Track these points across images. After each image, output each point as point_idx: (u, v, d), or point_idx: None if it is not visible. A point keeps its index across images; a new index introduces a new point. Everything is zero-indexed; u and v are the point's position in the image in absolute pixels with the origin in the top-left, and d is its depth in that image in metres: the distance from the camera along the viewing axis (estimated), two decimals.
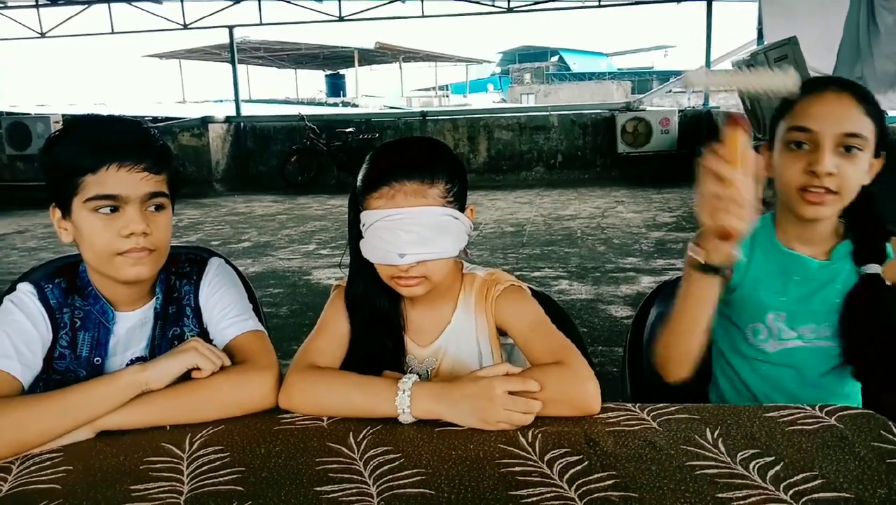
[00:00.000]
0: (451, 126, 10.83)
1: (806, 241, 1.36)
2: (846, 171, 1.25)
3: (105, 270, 1.21)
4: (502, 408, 1.05)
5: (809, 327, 1.36)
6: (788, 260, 1.37)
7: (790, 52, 5.07)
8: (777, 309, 1.37)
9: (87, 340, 1.25)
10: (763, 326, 1.39)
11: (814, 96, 1.29)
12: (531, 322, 1.26)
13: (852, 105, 1.27)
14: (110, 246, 1.17)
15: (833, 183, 1.25)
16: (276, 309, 4.42)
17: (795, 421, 1.06)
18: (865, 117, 1.26)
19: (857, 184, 1.28)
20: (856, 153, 1.26)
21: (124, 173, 1.16)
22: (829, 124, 1.25)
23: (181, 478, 0.96)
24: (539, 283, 4.74)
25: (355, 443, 1.04)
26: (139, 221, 1.17)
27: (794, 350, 1.38)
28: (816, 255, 1.36)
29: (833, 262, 1.35)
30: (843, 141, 1.25)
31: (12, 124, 10.18)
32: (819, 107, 1.27)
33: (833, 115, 1.26)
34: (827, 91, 1.29)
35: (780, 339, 1.38)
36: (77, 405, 1.05)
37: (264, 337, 1.29)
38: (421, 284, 1.22)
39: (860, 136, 1.26)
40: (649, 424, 1.07)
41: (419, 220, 1.16)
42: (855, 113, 1.26)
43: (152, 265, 1.22)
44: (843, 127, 1.25)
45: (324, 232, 7.14)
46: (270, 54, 25.66)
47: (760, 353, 1.40)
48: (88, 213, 1.17)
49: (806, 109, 1.28)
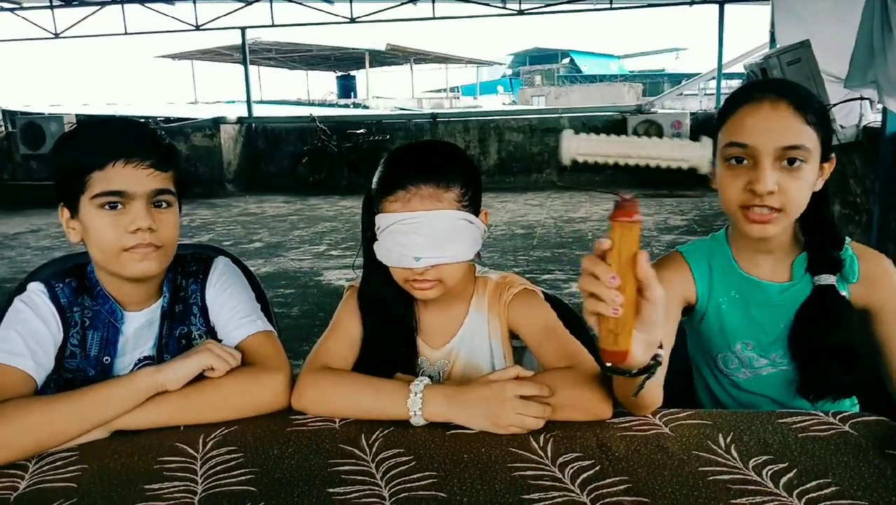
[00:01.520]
0: (461, 128, 10.84)
1: (764, 257, 1.29)
2: (789, 187, 1.16)
3: (112, 267, 1.22)
4: (514, 411, 1.05)
5: (780, 353, 1.30)
6: (749, 286, 1.30)
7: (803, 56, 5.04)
8: (744, 338, 1.32)
9: (96, 340, 1.26)
10: (732, 356, 1.34)
11: (749, 107, 1.19)
12: (543, 326, 1.26)
13: (790, 115, 1.16)
14: (117, 242, 1.18)
15: (776, 201, 1.16)
16: (287, 310, 4.43)
17: (809, 428, 1.06)
18: (806, 126, 1.16)
19: (803, 198, 1.18)
20: (800, 166, 1.16)
21: (130, 169, 1.17)
22: (767, 138, 1.16)
23: (195, 478, 0.96)
24: (550, 285, 4.73)
25: (367, 445, 1.04)
26: (145, 217, 1.18)
27: (766, 376, 1.33)
28: (777, 273, 1.29)
29: (794, 281, 1.28)
30: (784, 154, 1.16)
31: (26, 124, 10.26)
32: (755, 119, 1.17)
33: (770, 127, 1.16)
34: (763, 101, 1.18)
35: (752, 367, 1.33)
36: (93, 407, 1.06)
37: (274, 337, 1.29)
38: (435, 287, 1.22)
39: (802, 147, 1.16)
40: (661, 429, 1.07)
41: (434, 224, 1.17)
42: (794, 123, 1.16)
43: (159, 262, 1.23)
44: (782, 140, 1.15)
45: (335, 233, 7.15)
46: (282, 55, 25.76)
47: (733, 381, 1.36)
48: (95, 210, 1.18)
49: (742, 122, 1.18)
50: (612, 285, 0.83)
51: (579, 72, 47.01)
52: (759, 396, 1.35)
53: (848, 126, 5.31)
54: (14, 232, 7.75)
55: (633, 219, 0.82)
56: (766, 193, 1.15)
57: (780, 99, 1.17)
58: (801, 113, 1.16)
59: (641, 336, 0.90)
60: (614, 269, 0.83)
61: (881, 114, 4.92)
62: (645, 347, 0.92)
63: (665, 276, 1.29)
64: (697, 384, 1.47)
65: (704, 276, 1.33)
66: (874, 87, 4.15)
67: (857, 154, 5.48)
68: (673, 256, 1.36)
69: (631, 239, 0.83)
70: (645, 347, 0.92)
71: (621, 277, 0.83)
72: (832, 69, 5.02)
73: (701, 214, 7.47)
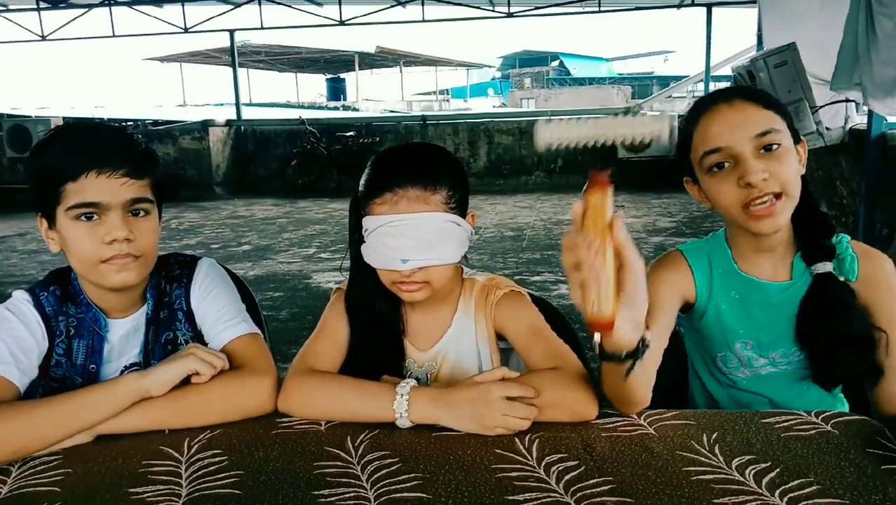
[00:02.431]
0: (451, 130, 10.85)
1: (764, 257, 1.29)
2: (779, 170, 1.17)
3: (91, 278, 1.21)
4: (500, 413, 1.06)
5: (779, 353, 1.31)
6: (749, 286, 1.30)
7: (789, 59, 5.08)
8: (744, 338, 1.32)
9: (81, 348, 1.25)
10: (732, 355, 1.34)
11: (708, 115, 1.22)
12: (530, 327, 1.27)
13: (748, 106, 1.19)
14: (94, 254, 1.17)
15: (773, 185, 1.17)
16: (276, 312, 4.42)
17: (791, 427, 1.06)
18: (767, 111, 1.19)
19: (794, 177, 1.19)
20: (779, 148, 1.18)
21: (104, 180, 1.15)
22: (737, 133, 1.18)
23: (180, 481, 0.96)
24: (538, 287, 4.74)
25: (353, 447, 1.04)
26: (121, 228, 1.16)
27: (766, 376, 1.33)
28: (777, 273, 1.29)
29: (794, 280, 1.28)
30: (760, 142, 1.18)
31: (13, 127, 10.19)
32: (719, 122, 1.20)
33: (736, 122, 1.19)
34: (718, 104, 1.21)
35: (752, 366, 1.33)
36: (76, 412, 1.06)
37: (260, 340, 1.29)
38: (422, 289, 1.22)
39: (774, 130, 1.18)
40: (646, 429, 1.08)
41: (422, 226, 1.17)
42: (755, 112, 1.19)
43: (138, 271, 1.21)
44: (752, 130, 1.18)
45: (324, 236, 7.14)
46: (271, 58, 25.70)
47: (732, 380, 1.36)
48: (71, 222, 1.16)
49: (708, 130, 1.21)
50: (591, 249, 0.85)
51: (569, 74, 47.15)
52: (757, 395, 1.35)
53: (834, 128, 5.36)
54: (0, 236, 7.70)
55: (604, 187, 0.86)
56: (760, 182, 1.16)
57: (732, 97, 1.21)
58: (757, 102, 1.20)
59: (627, 314, 0.92)
60: (591, 234, 0.86)
61: (867, 116, 4.96)
62: (632, 325, 0.94)
63: (664, 274, 1.31)
64: (693, 385, 1.47)
65: (705, 275, 1.33)
66: (859, 90, 4.19)
67: (843, 156, 5.53)
68: (673, 255, 1.36)
69: (603, 206, 0.86)
70: (632, 326, 0.94)
71: (599, 241, 0.86)
72: (818, 71, 5.06)
73: (689, 216, 7.51)
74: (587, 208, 0.86)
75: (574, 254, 0.86)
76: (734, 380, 1.36)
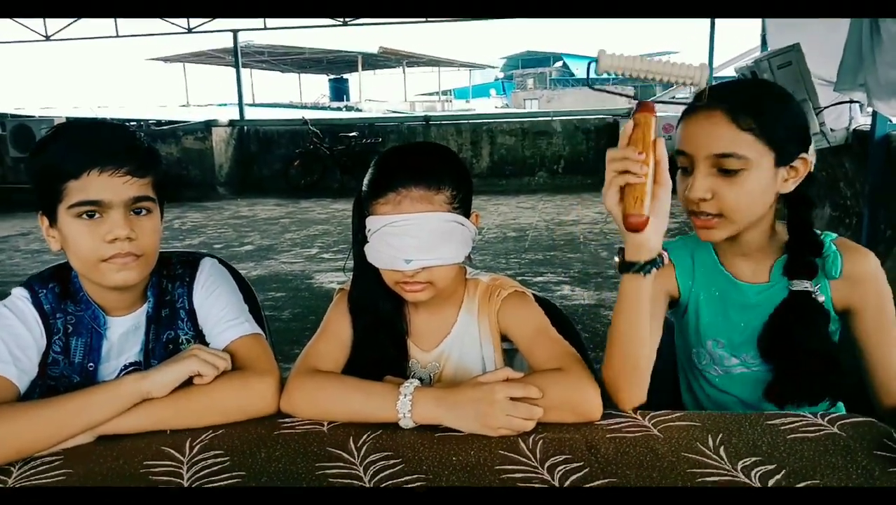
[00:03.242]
0: (454, 131, 10.84)
1: (743, 256, 1.29)
2: (725, 194, 1.16)
3: (92, 277, 1.20)
4: (503, 413, 1.05)
5: (751, 354, 1.30)
6: (728, 286, 1.31)
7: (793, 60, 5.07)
8: (716, 336, 1.32)
9: (80, 346, 1.25)
10: (704, 351, 1.35)
11: (690, 116, 1.20)
12: (534, 328, 1.26)
13: (723, 122, 1.15)
14: (95, 252, 1.16)
15: (711, 207, 1.18)
16: (279, 313, 4.42)
17: (797, 429, 1.06)
18: (742, 133, 1.15)
19: (745, 204, 1.18)
20: (736, 174, 1.16)
21: (106, 178, 1.15)
22: (699, 146, 1.17)
23: (181, 482, 0.95)
24: (541, 288, 4.73)
25: (355, 448, 1.04)
26: (123, 226, 1.16)
27: (737, 376, 1.33)
28: (757, 273, 1.29)
29: (772, 283, 1.28)
30: (717, 163, 1.16)
31: (16, 127, 10.20)
32: (691, 128, 1.19)
33: (702, 135, 1.17)
34: (698, 110, 1.18)
35: (723, 365, 1.33)
36: (77, 413, 1.05)
37: (262, 340, 1.28)
38: (426, 289, 1.22)
39: (734, 155, 1.15)
40: (650, 431, 1.07)
41: (425, 226, 1.17)
42: (725, 131, 1.15)
43: (139, 270, 1.21)
44: (713, 148, 1.16)
45: (326, 236, 7.14)
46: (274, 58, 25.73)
47: (707, 378, 1.37)
48: (72, 220, 1.16)
49: (683, 130, 1.21)
50: (639, 159, 0.99)
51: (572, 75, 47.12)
52: (729, 395, 1.35)
53: (838, 129, 5.34)
54: (3, 235, 7.71)
55: (652, 112, 1.01)
56: (696, 200, 1.18)
57: (717, 108, 1.17)
58: (735, 121, 1.15)
59: (656, 224, 1.04)
60: (639, 147, 1.00)
61: (871, 117, 4.95)
62: (657, 235, 1.06)
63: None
64: (682, 383, 1.48)
65: (687, 269, 1.34)
66: (863, 91, 4.18)
67: (847, 157, 5.51)
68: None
69: (649, 125, 1.01)
70: (657, 236, 1.06)
71: (645, 154, 1.00)
72: (822, 72, 5.04)
73: None
74: (637, 125, 1.00)
75: (621, 163, 1.00)
76: (708, 378, 1.37)
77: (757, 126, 1.15)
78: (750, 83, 1.26)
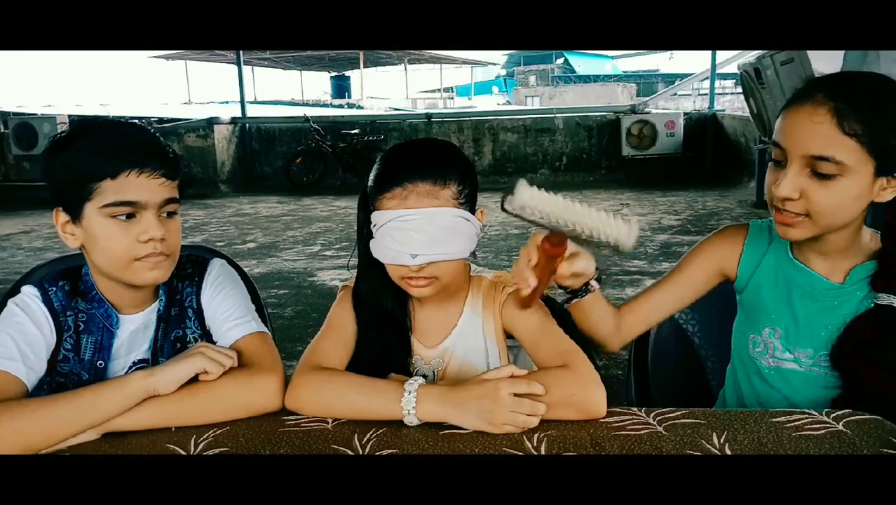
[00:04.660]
0: (456, 128, 10.84)
1: (819, 254, 1.24)
2: (815, 196, 1.10)
3: (120, 276, 1.21)
4: (507, 410, 1.05)
5: (806, 352, 1.26)
6: (796, 273, 1.26)
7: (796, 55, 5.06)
8: (774, 324, 1.29)
9: (90, 344, 1.25)
10: (760, 339, 1.32)
11: (795, 106, 1.12)
12: (538, 325, 1.26)
13: (826, 122, 1.07)
14: (129, 252, 1.18)
15: (797, 207, 1.12)
16: (281, 310, 4.42)
17: (803, 426, 1.05)
18: (845, 137, 1.06)
19: (836, 207, 1.11)
20: (829, 178, 1.09)
21: (144, 179, 1.17)
22: (796, 142, 1.10)
23: None
24: None
25: (360, 445, 1.04)
26: (158, 227, 1.18)
27: (787, 372, 1.29)
28: (832, 273, 1.23)
29: (846, 285, 1.22)
30: (811, 164, 1.09)
31: (19, 125, 10.21)
32: (792, 120, 1.12)
33: (801, 132, 1.10)
34: (805, 102, 1.11)
35: (776, 357, 1.30)
36: (83, 410, 1.05)
37: (268, 338, 1.28)
38: (431, 284, 1.22)
39: (831, 160, 1.07)
40: (655, 428, 1.07)
41: (431, 221, 1.17)
42: (827, 132, 1.07)
43: (167, 269, 1.23)
44: (810, 148, 1.09)
45: (329, 233, 7.14)
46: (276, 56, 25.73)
47: (758, 367, 1.33)
48: (104, 219, 1.17)
49: (784, 120, 1.14)
50: (530, 285, 1.11)
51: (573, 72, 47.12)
52: (777, 392, 1.30)
53: None
54: (6, 233, 7.71)
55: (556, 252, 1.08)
56: (782, 198, 1.13)
57: (825, 103, 1.08)
58: (840, 123, 1.07)
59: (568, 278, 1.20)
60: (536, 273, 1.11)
61: None
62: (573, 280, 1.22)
63: (714, 241, 1.36)
64: (728, 379, 1.44)
65: (757, 253, 1.32)
66: None
67: None
68: (738, 228, 1.36)
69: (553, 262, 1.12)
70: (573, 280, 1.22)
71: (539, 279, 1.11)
72: (825, 68, 5.03)
73: (695, 214, 7.48)
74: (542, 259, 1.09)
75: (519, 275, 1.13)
76: (760, 368, 1.33)
77: (863, 132, 1.07)
78: (868, 80, 1.15)
